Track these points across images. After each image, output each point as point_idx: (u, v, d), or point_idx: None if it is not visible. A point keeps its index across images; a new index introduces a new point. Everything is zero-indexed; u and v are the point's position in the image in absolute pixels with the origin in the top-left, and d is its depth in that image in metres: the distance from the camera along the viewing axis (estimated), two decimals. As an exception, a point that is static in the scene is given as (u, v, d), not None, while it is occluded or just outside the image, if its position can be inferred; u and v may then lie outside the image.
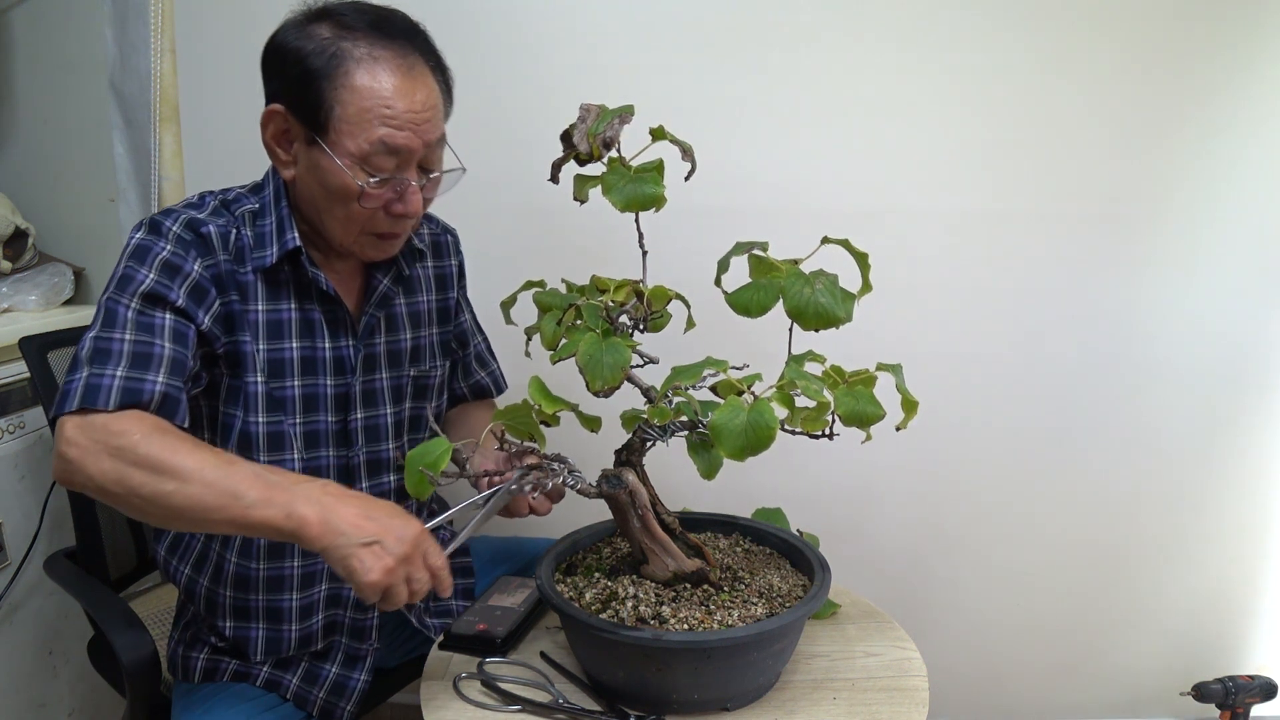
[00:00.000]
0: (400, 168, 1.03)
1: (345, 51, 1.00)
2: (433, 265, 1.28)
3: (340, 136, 1.00)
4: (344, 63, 0.99)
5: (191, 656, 1.17)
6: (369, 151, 1.00)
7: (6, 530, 1.49)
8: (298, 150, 1.05)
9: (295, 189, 1.09)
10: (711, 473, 1.03)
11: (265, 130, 1.06)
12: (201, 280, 1.03)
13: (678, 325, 1.09)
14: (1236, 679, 1.64)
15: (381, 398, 1.18)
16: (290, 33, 1.03)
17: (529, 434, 0.99)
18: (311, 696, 1.17)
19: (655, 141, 1.01)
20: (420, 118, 1.02)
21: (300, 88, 1.01)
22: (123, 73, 1.51)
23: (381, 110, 1.00)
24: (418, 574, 0.92)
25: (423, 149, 1.04)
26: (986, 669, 1.82)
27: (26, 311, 1.64)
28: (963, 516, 1.74)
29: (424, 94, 1.03)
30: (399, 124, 1.01)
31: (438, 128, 1.06)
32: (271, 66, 1.05)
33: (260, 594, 1.14)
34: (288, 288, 1.10)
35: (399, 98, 1.00)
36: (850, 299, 0.96)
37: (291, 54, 1.01)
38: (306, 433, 1.12)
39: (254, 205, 1.10)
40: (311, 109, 1.01)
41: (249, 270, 1.07)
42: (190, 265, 1.02)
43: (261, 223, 1.09)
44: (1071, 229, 1.61)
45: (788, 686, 1.03)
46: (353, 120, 1.00)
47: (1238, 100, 1.56)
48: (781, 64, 1.56)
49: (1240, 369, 1.67)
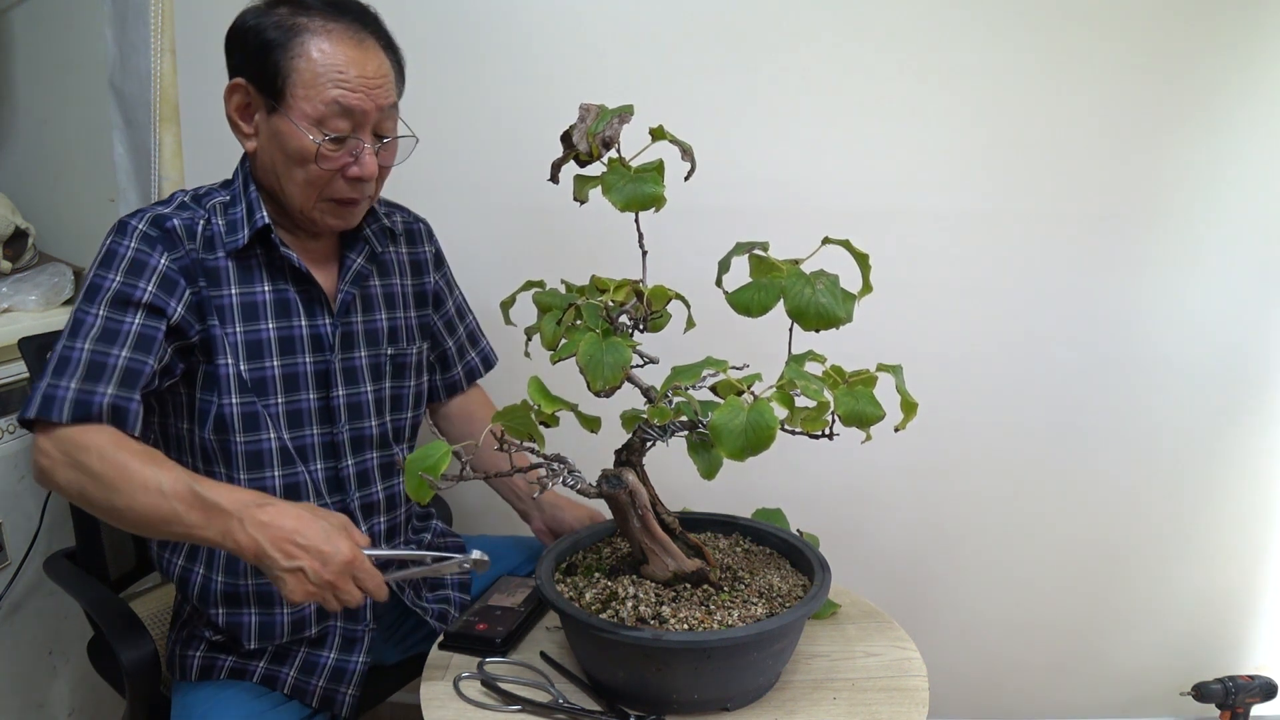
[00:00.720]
0: (355, 129, 1.09)
1: (300, 24, 1.07)
2: (407, 251, 1.32)
3: (296, 100, 1.07)
4: (299, 33, 1.07)
5: (188, 655, 1.17)
6: (324, 113, 1.07)
7: (6, 530, 1.49)
8: (258, 121, 1.11)
9: (257, 161, 1.14)
10: (711, 473, 1.03)
11: (228, 104, 1.12)
12: (169, 272, 1.08)
13: (678, 325, 1.09)
14: (1236, 679, 1.64)
15: (361, 375, 1.21)
16: (250, 15, 1.10)
17: (528, 434, 0.99)
18: (310, 687, 1.16)
19: (655, 141, 1.01)
20: (372, 83, 1.09)
21: (259, 59, 1.08)
22: (123, 73, 1.51)
23: (334, 74, 1.07)
24: (344, 594, 0.98)
25: (375, 112, 1.10)
26: (986, 669, 1.82)
27: (26, 311, 1.64)
28: (963, 517, 1.74)
29: (375, 63, 1.10)
30: (351, 86, 1.07)
31: (389, 95, 1.12)
32: (232, 45, 1.12)
33: (250, 578, 1.15)
34: (260, 270, 1.14)
35: (351, 65, 1.07)
36: (851, 299, 0.96)
37: (251, 31, 1.09)
38: (289, 412, 1.15)
39: (224, 197, 1.16)
40: (269, 78, 1.07)
41: (220, 256, 1.12)
42: (156, 260, 1.08)
43: (232, 211, 1.14)
44: (1072, 229, 1.61)
45: (788, 686, 1.03)
46: (308, 84, 1.06)
47: (1238, 100, 1.55)
48: (782, 64, 1.56)
49: (1240, 369, 1.67)
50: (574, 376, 0.95)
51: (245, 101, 1.11)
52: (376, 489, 1.23)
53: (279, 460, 1.14)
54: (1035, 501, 1.73)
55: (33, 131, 1.77)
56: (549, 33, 1.56)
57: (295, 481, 1.16)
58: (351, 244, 1.22)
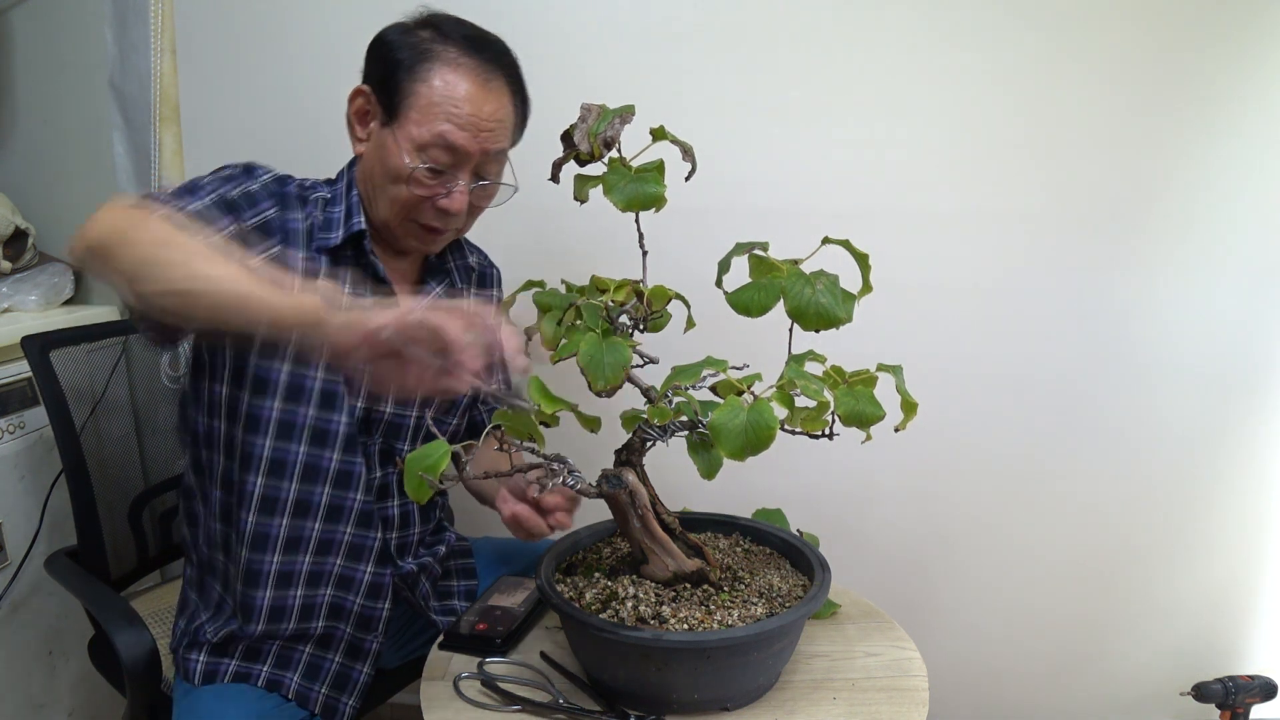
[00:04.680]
0: (455, 166, 1.10)
1: (435, 51, 1.09)
2: (477, 292, 1.33)
3: (407, 123, 1.08)
4: (430, 59, 1.08)
5: (191, 659, 1.17)
6: (429, 142, 1.08)
7: (6, 530, 1.49)
8: (372, 129, 1.13)
9: (361, 166, 1.16)
10: (711, 473, 1.03)
11: (350, 105, 1.14)
12: (270, 222, 1.08)
13: (678, 325, 1.09)
14: (1236, 679, 1.64)
15: (412, 399, 1.20)
16: (395, 31, 1.12)
17: (528, 434, 0.99)
18: (313, 693, 1.17)
19: (656, 141, 1.01)
20: (485, 125, 1.09)
21: (386, 73, 1.10)
22: (123, 73, 1.51)
23: (449, 109, 1.07)
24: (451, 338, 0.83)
25: (480, 155, 1.10)
26: (986, 669, 1.82)
27: (26, 311, 1.64)
28: (962, 517, 1.74)
29: (494, 106, 1.10)
30: (461, 124, 1.08)
31: (501, 140, 1.12)
32: (371, 53, 1.14)
33: (275, 554, 1.14)
34: (345, 271, 1.14)
35: (468, 102, 1.08)
36: (851, 299, 0.96)
37: (388, 45, 1.11)
38: (324, 414, 1.13)
39: (326, 194, 1.17)
40: (391, 93, 1.09)
41: (313, 249, 1.12)
42: (268, 206, 1.09)
43: (332, 209, 1.15)
44: (1072, 230, 1.61)
45: (788, 686, 1.03)
46: (422, 110, 1.07)
47: (1238, 100, 1.55)
48: (782, 64, 1.56)
49: (1240, 369, 1.67)
50: (574, 376, 0.95)
51: (365, 108, 1.13)
52: (393, 504, 1.23)
53: (307, 438, 1.13)
54: (1035, 501, 1.73)
55: (33, 131, 1.77)
56: (550, 32, 1.56)
57: (316, 466, 1.14)
58: (434, 272, 1.24)
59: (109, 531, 1.34)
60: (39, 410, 1.49)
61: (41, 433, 1.53)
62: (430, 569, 1.28)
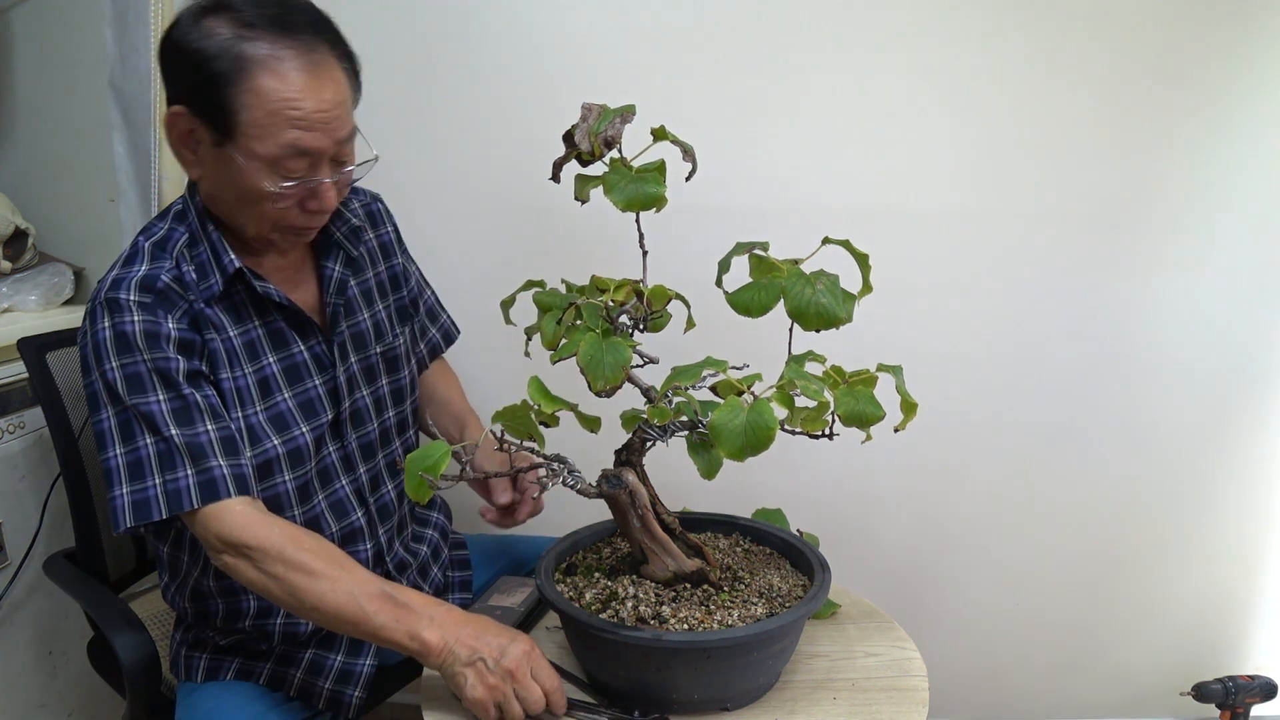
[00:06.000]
0: (312, 168, 1.02)
1: (247, 55, 0.96)
2: (374, 235, 1.27)
3: (249, 141, 0.98)
4: (246, 64, 0.96)
5: (194, 656, 1.17)
6: (279, 155, 0.98)
7: (6, 530, 1.49)
8: (204, 152, 1.02)
9: (204, 189, 1.07)
10: (711, 473, 1.03)
11: (170, 132, 1.03)
12: (181, 335, 1.02)
13: (678, 325, 1.09)
14: (1236, 679, 1.64)
15: (357, 382, 1.19)
16: (188, 31, 0.98)
17: (528, 434, 0.99)
18: (317, 688, 1.16)
19: (656, 141, 1.01)
20: (329, 115, 1.00)
21: (204, 92, 0.98)
22: (123, 73, 1.50)
23: (288, 112, 0.97)
24: (522, 687, 0.95)
25: (333, 147, 1.02)
26: (986, 669, 1.82)
27: (26, 311, 1.64)
28: (963, 516, 1.74)
29: (331, 90, 1.00)
30: (308, 124, 0.98)
31: (347, 123, 1.04)
32: (172, 68, 1.01)
33: (281, 615, 1.15)
34: (246, 307, 1.09)
35: (306, 97, 0.98)
36: (851, 299, 0.96)
37: (192, 57, 0.97)
38: (315, 439, 1.13)
39: (183, 236, 1.07)
40: (217, 113, 0.98)
41: (203, 301, 1.05)
42: (166, 325, 1.01)
43: (197, 251, 1.07)
44: (1072, 229, 1.61)
45: (788, 686, 1.03)
46: (261, 124, 0.97)
47: (1238, 100, 1.55)
48: (783, 64, 1.56)
49: (1240, 369, 1.67)
50: (574, 376, 0.95)
51: (189, 129, 1.01)
52: (388, 489, 1.24)
53: (319, 484, 1.14)
54: (1035, 501, 1.73)
55: (33, 131, 1.77)
56: (551, 32, 1.56)
57: (336, 499, 1.16)
58: (325, 252, 1.17)
59: (108, 533, 1.34)
60: (39, 410, 1.48)
61: (42, 433, 1.53)
62: (419, 555, 1.29)
